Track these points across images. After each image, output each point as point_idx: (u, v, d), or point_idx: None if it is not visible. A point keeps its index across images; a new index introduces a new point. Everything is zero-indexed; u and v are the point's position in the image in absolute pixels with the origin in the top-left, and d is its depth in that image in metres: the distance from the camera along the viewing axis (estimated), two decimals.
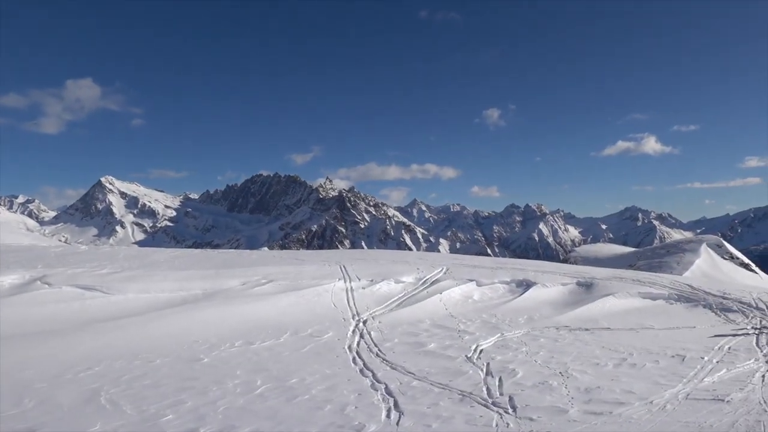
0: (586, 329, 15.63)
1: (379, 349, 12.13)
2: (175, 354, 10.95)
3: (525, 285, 21.51)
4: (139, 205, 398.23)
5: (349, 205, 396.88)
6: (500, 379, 9.67)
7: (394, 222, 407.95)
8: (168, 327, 12.70)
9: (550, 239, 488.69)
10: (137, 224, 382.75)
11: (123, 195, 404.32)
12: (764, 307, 18.38)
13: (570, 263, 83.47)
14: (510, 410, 7.89)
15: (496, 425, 7.25)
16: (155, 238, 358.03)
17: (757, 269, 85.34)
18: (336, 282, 18.37)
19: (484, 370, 10.41)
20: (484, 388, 9.12)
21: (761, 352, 11.73)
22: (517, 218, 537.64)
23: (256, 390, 8.92)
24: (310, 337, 12.93)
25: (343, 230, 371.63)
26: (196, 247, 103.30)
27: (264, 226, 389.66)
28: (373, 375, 9.98)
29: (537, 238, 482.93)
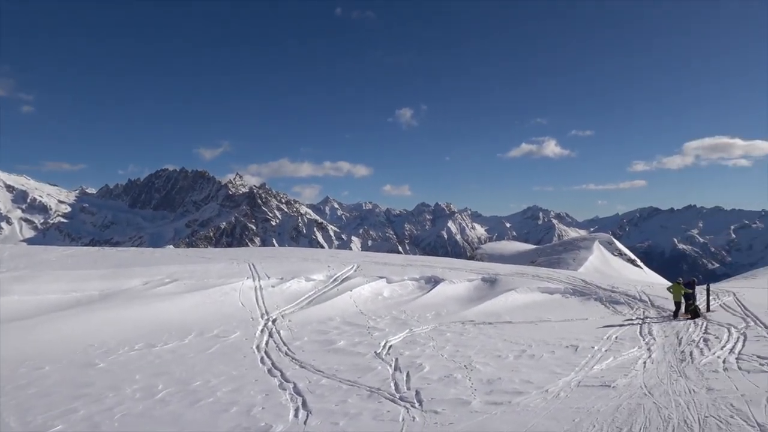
0: (490, 323, 16.29)
1: (288, 348, 11.99)
2: (66, 359, 10.23)
3: (433, 282, 22.08)
4: (28, 200, 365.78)
5: (260, 201, 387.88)
6: (408, 374, 9.86)
7: (306, 219, 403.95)
8: (59, 331, 11.83)
9: (458, 237, 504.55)
10: (26, 220, 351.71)
11: (9, 189, 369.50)
12: (647, 299, 20.02)
13: (476, 260, 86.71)
14: (416, 404, 8.07)
15: (403, 420, 7.40)
16: (47, 235, 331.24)
17: (642, 264, 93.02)
18: (244, 280, 17.92)
19: (393, 365, 10.57)
20: (392, 384, 9.26)
21: (644, 340, 12.76)
22: (428, 216, 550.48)
23: (157, 395, 8.52)
24: (216, 337, 12.54)
25: (254, 227, 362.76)
26: (94, 245, 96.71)
27: (169, 223, 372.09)
28: (282, 374, 9.85)
29: (446, 236, 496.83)
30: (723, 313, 15.96)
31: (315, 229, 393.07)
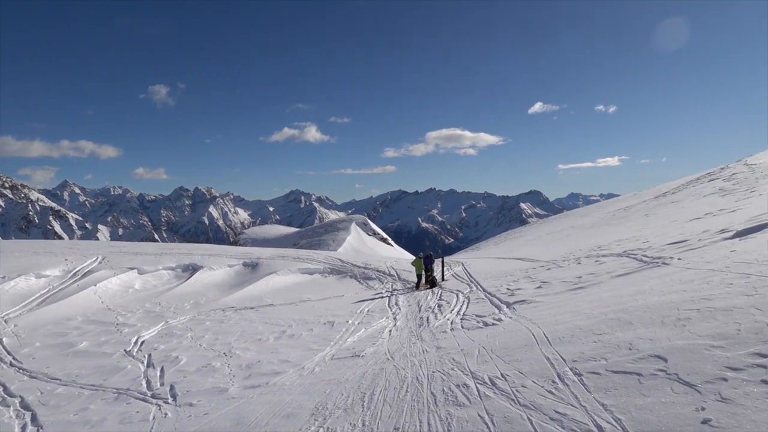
0: (252, 307, 16.23)
1: (13, 358, 10.31)
2: None
3: (191, 269, 21.10)
4: None
5: None
6: (162, 369, 9.28)
7: (38, 207, 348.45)
8: None
9: (221, 222, 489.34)
10: None
11: None
12: (395, 273, 22.09)
13: (240, 245, 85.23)
14: (170, 399, 7.65)
15: (154, 418, 6.94)
16: None
17: (392, 242, 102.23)
18: None
19: (145, 362, 9.84)
20: (144, 382, 8.62)
21: (391, 311, 14.05)
22: (187, 202, 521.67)
23: None
24: None
25: None
26: None
27: None
28: (5, 389, 8.42)
29: (207, 222, 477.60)
30: (454, 281, 18.38)
31: (51, 218, 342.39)
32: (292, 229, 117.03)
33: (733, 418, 3.49)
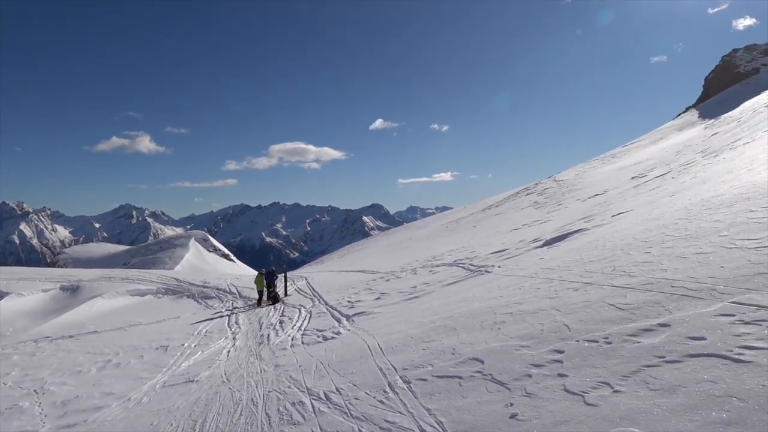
0: (71, 336, 14.65)
1: None
2: None
3: None
4: None
5: None
6: None
7: None
8: None
9: (35, 241, 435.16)
10: None
11: None
12: (236, 291, 21.39)
13: (59, 266, 76.44)
14: None
15: None
16: None
17: (234, 258, 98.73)
18: None
19: None
20: None
21: (230, 330, 13.56)
22: None
23: None
24: None
25: None
26: None
27: None
28: None
29: (18, 241, 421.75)
30: (297, 296, 18.31)
31: None
32: (122, 247, 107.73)
33: (536, 410, 3.92)
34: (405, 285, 14.01)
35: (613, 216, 14.19)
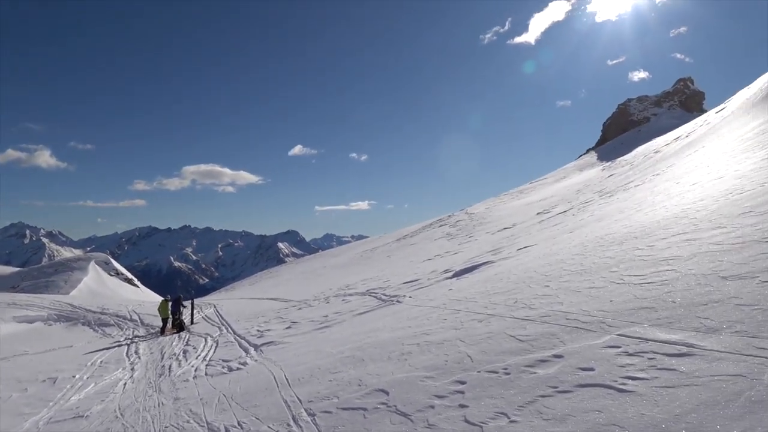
0: None
1: None
2: None
3: None
4: None
5: None
6: None
7: None
8: None
9: None
10: None
11: None
12: (138, 318, 20.25)
13: None
14: None
15: None
16: None
17: (138, 283, 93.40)
18: None
19: None
20: None
21: (129, 360, 12.77)
22: None
23: None
24: None
25: None
26: None
27: None
28: None
29: None
30: (204, 324, 17.61)
31: None
32: (12, 269, 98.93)
33: None
34: (317, 314, 13.87)
35: (518, 249, 14.86)
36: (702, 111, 65.60)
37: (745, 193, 9.51)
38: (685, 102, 74.79)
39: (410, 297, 12.00)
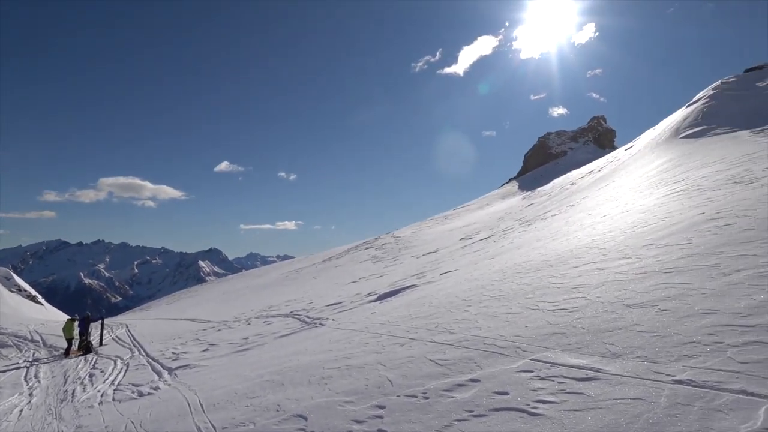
0: None
1: None
2: None
3: None
4: None
5: None
6: None
7: None
8: None
9: None
10: None
11: None
12: (39, 338, 18.86)
13: None
14: None
15: None
16: None
17: (43, 301, 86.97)
18: None
19: None
20: None
21: (27, 384, 11.86)
22: None
23: None
24: None
25: None
26: None
27: None
28: None
29: None
30: (115, 345, 16.66)
31: None
32: None
33: None
34: (236, 336, 13.49)
35: (441, 274, 15.16)
36: (613, 147, 70.10)
37: (648, 226, 10.22)
38: (598, 138, 79.71)
39: (333, 320, 11.93)
